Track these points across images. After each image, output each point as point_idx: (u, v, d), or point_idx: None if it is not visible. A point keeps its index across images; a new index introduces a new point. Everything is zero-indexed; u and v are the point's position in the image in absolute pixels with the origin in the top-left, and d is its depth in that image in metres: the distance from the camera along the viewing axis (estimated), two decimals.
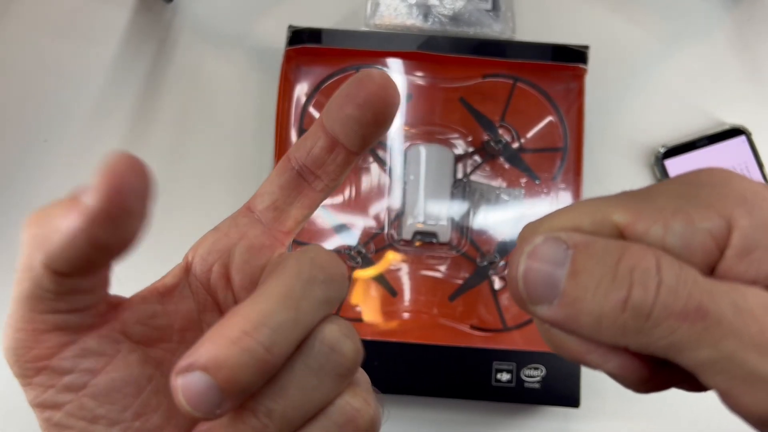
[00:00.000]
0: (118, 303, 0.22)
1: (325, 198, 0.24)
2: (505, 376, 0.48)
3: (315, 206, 0.24)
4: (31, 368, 0.20)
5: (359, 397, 0.21)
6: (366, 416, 0.21)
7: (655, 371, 0.19)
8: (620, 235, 0.19)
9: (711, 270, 0.18)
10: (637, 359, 0.19)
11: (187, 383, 0.18)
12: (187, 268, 0.23)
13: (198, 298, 0.23)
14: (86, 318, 0.20)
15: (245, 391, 0.18)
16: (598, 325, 0.18)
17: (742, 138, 0.53)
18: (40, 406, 0.20)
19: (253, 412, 0.19)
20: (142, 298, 0.23)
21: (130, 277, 0.23)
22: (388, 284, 0.51)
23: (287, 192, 0.24)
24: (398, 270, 0.51)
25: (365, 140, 0.22)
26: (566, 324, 0.18)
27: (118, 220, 0.17)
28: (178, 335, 0.23)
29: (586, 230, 0.19)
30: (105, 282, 0.21)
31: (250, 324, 0.18)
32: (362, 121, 0.22)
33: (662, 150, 0.53)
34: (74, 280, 0.19)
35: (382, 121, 0.22)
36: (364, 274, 0.51)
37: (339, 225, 0.51)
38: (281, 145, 0.52)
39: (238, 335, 0.18)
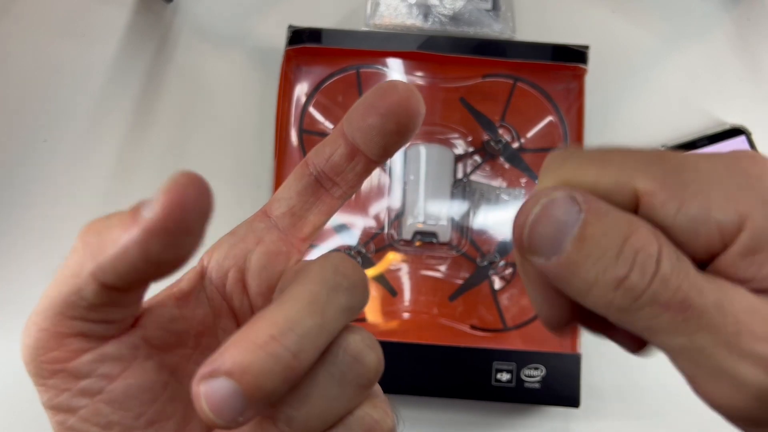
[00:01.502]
0: (143, 313, 0.22)
1: (341, 204, 0.24)
2: (505, 376, 0.48)
3: (332, 213, 0.24)
4: (47, 369, 0.20)
5: (379, 408, 0.21)
6: (385, 427, 0.21)
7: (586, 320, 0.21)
8: (636, 200, 0.19)
9: (711, 257, 0.18)
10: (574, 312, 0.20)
11: (210, 390, 0.17)
12: (202, 273, 0.23)
13: (213, 303, 0.23)
14: (112, 330, 0.20)
15: (269, 398, 0.18)
16: (586, 292, 0.18)
17: (742, 138, 0.53)
18: (54, 408, 0.20)
19: (273, 420, 0.19)
20: (160, 302, 0.22)
21: None
22: (388, 284, 0.51)
23: (305, 198, 0.24)
24: (398, 270, 0.51)
25: (386, 150, 0.22)
26: (556, 279, 0.19)
27: (174, 237, 0.17)
28: (194, 341, 0.23)
29: (605, 188, 0.19)
30: (140, 299, 0.20)
31: (277, 329, 0.18)
32: (384, 131, 0.21)
33: (662, 150, 0.53)
34: (116, 294, 0.19)
35: (405, 131, 0.21)
36: None
37: (339, 225, 0.51)
38: (281, 144, 0.52)
39: (265, 340, 0.18)
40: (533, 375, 0.48)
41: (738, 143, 0.53)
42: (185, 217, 0.17)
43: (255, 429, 0.19)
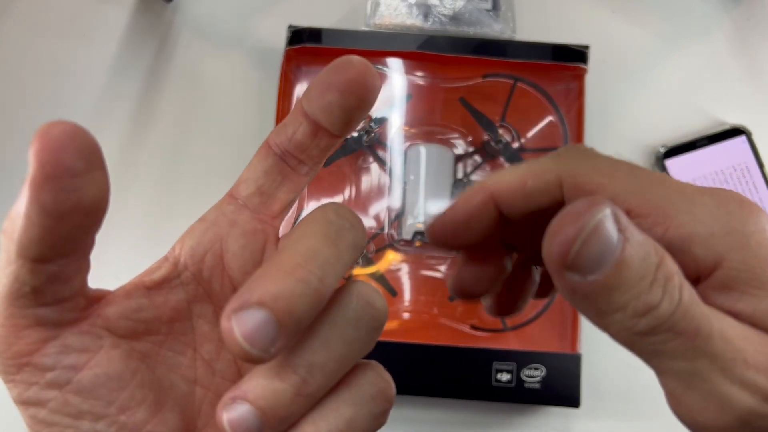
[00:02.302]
0: (99, 297, 0.22)
1: (309, 181, 0.24)
2: (505, 376, 0.48)
3: (300, 189, 0.25)
4: (13, 365, 0.20)
5: (385, 372, 0.22)
6: (393, 390, 0.22)
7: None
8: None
9: None
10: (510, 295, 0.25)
11: (242, 321, 0.18)
12: (175, 262, 0.23)
13: (188, 289, 0.23)
14: (66, 312, 0.20)
15: (300, 324, 0.18)
16: (609, 314, 0.18)
17: (742, 138, 0.53)
18: (24, 403, 0.20)
19: (293, 367, 0.20)
20: (126, 292, 0.22)
21: (130, 278, 0.23)
22: (388, 284, 0.51)
23: (272, 177, 0.24)
24: (398, 270, 0.51)
25: (348, 124, 0.23)
26: (582, 298, 0.18)
27: (59, 181, 0.17)
28: (166, 327, 0.23)
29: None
30: (82, 270, 0.20)
31: (301, 257, 0.19)
32: (345, 107, 0.22)
33: (662, 150, 0.53)
34: (49, 266, 0.19)
35: (365, 104, 0.22)
36: (364, 274, 0.51)
37: None
38: None
39: (292, 267, 0.18)
40: (533, 375, 0.48)
41: (738, 143, 0.53)
42: (59, 158, 0.17)
43: (274, 380, 0.20)
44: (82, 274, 0.21)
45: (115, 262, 0.42)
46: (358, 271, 0.50)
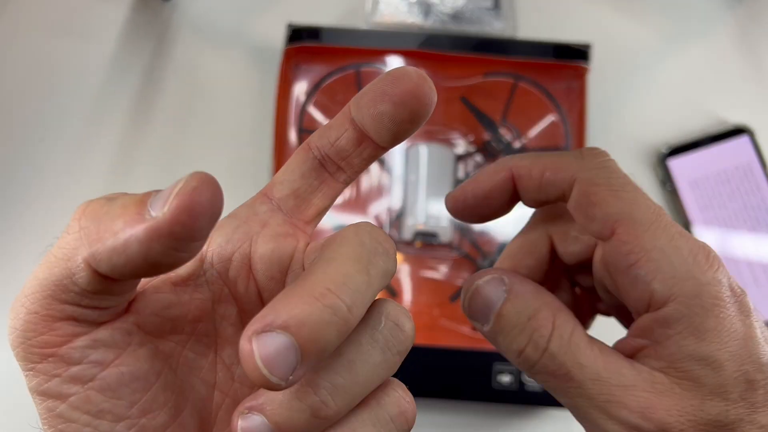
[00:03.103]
0: (134, 298, 0.21)
1: (344, 189, 0.24)
2: (506, 378, 0.47)
3: (336, 196, 0.24)
4: (37, 354, 0.19)
5: (408, 393, 0.22)
6: (414, 411, 0.22)
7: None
8: (612, 230, 0.23)
9: (638, 309, 0.23)
10: None
11: (264, 344, 0.17)
12: (201, 258, 0.22)
13: (213, 288, 0.22)
14: (104, 316, 0.20)
15: (323, 353, 0.17)
16: (505, 353, 0.24)
17: (746, 137, 0.53)
18: (42, 394, 0.19)
19: (314, 387, 0.19)
20: (155, 288, 0.22)
21: None
22: (388, 285, 0.50)
23: (309, 181, 0.23)
24: (399, 271, 0.51)
25: (397, 137, 0.22)
26: (492, 342, 0.24)
27: (179, 242, 0.17)
28: (190, 327, 0.22)
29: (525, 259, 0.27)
30: (134, 288, 0.20)
31: (332, 282, 0.18)
32: (397, 119, 0.21)
33: (665, 149, 0.53)
34: (109, 283, 0.18)
35: (418, 119, 0.21)
36: None
37: (339, 225, 0.51)
38: (280, 143, 0.51)
39: (321, 292, 0.17)
40: None
41: (741, 142, 0.53)
42: (194, 224, 0.16)
43: (292, 399, 0.19)
44: (132, 290, 0.20)
45: None
46: None
